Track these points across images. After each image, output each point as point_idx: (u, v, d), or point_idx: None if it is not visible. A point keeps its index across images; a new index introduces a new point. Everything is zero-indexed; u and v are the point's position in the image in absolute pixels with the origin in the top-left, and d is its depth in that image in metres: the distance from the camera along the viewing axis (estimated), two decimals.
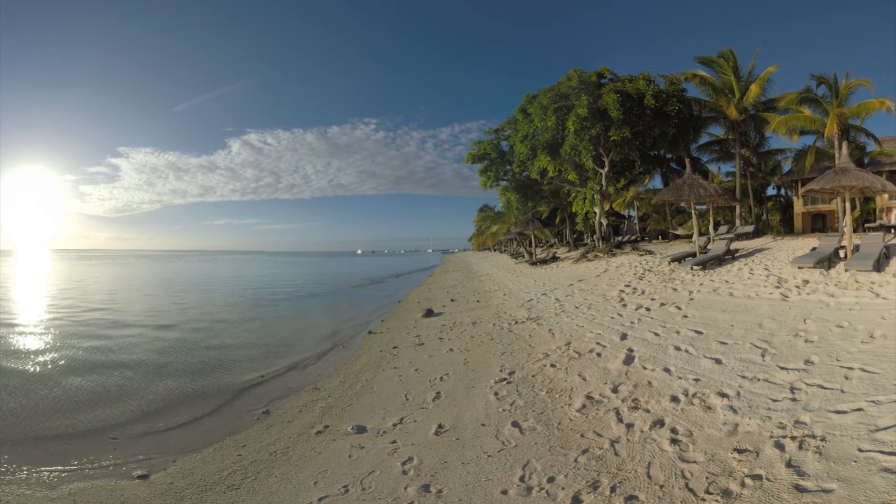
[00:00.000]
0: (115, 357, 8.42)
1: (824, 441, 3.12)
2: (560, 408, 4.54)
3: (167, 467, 4.12)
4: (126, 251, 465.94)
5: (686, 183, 14.32)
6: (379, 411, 5.18)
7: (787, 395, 4.01)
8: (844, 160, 10.81)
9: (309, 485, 3.60)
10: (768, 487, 2.74)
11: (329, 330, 11.41)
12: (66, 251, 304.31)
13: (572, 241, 31.99)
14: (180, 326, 11.97)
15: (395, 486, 3.41)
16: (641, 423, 3.90)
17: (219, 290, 24.49)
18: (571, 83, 19.14)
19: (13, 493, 3.67)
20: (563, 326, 8.14)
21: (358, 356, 8.22)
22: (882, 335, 5.19)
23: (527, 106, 20.98)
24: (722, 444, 3.37)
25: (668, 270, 12.50)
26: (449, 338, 8.66)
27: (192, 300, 18.65)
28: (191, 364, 8.04)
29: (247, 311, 15.43)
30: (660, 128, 19.25)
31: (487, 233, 61.01)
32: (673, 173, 26.04)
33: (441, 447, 4.02)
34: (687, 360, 5.33)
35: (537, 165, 20.65)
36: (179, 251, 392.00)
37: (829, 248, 10.44)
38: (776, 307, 7.23)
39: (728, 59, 21.34)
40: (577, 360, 6.00)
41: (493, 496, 3.14)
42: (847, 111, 18.51)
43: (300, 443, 4.52)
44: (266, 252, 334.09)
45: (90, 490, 3.71)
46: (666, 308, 8.26)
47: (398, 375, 6.58)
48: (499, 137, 25.42)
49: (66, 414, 5.55)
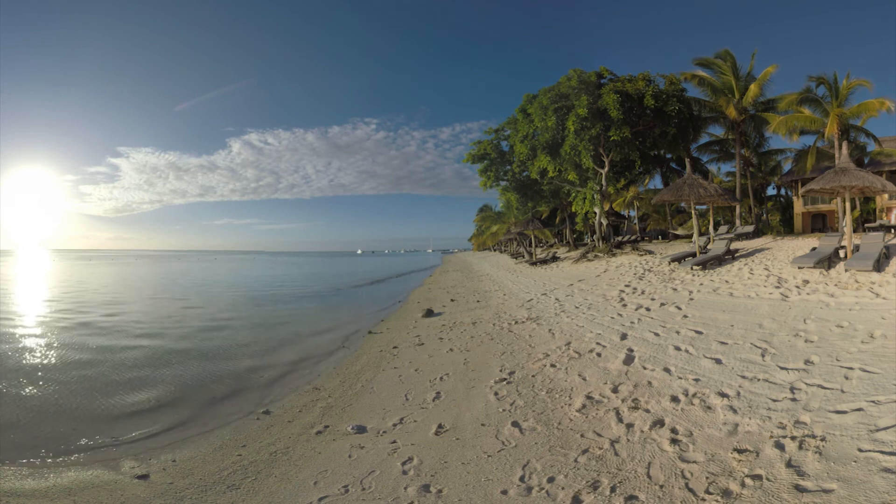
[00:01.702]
0: (115, 357, 8.41)
1: (824, 441, 3.12)
2: (560, 408, 4.54)
3: (167, 467, 4.12)
4: (126, 251, 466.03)
5: (686, 183, 14.32)
6: (379, 411, 5.18)
7: (787, 395, 4.01)
8: (844, 160, 10.81)
9: (309, 485, 3.60)
10: (768, 487, 2.74)
11: (329, 330, 11.40)
12: (66, 251, 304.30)
13: (572, 241, 31.98)
14: (180, 326, 11.96)
15: (395, 486, 3.41)
16: (641, 423, 3.90)
17: (219, 290, 24.48)
18: (571, 83, 19.14)
19: (12, 493, 3.67)
20: (563, 326, 8.14)
21: (358, 356, 8.22)
22: (882, 335, 5.18)
23: (527, 106, 20.98)
24: (722, 444, 3.37)
25: (668, 270, 12.50)
26: (449, 338, 8.66)
27: (192, 300, 18.65)
28: (191, 364, 8.03)
29: (246, 311, 15.42)
30: (660, 128, 19.25)
31: (487, 233, 60.97)
32: (673, 173, 26.04)
33: (441, 447, 4.02)
34: (687, 360, 5.33)
35: (537, 165, 20.65)
36: (179, 251, 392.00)
37: (829, 248, 10.44)
38: (776, 307, 7.22)
39: (726, 60, 21.36)
40: (577, 360, 5.99)
41: (493, 496, 3.14)
42: (847, 111, 18.51)
43: (300, 443, 4.51)
44: (266, 252, 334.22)
45: (90, 490, 3.71)
46: (666, 308, 8.26)
47: (398, 375, 6.58)
48: (499, 137, 25.43)
49: (66, 414, 5.55)
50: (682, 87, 19.98)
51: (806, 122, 19.60)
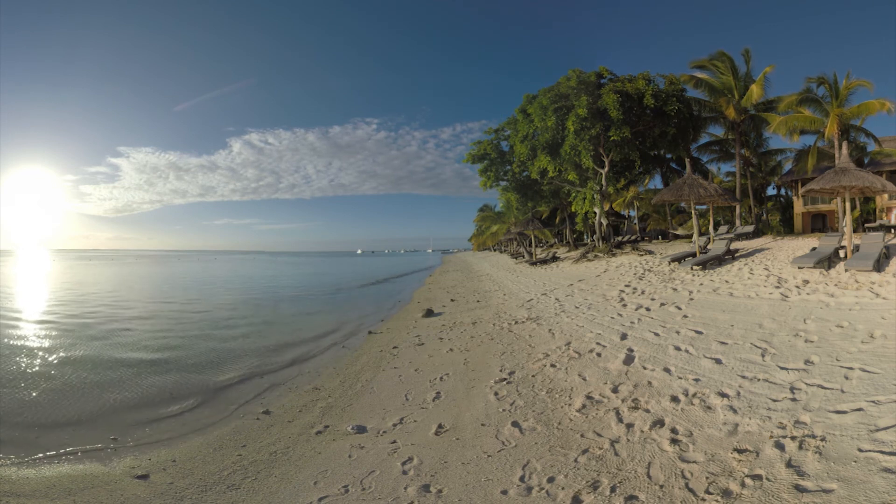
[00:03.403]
0: (115, 357, 8.41)
1: (824, 441, 3.12)
2: (560, 408, 4.54)
3: (167, 467, 4.12)
4: (126, 251, 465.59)
5: (686, 183, 14.32)
6: (379, 411, 5.18)
7: (787, 395, 4.01)
8: (844, 160, 10.81)
9: (309, 485, 3.60)
10: (768, 487, 2.74)
11: (329, 330, 11.40)
12: (66, 251, 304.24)
13: (572, 241, 31.99)
14: (180, 326, 11.97)
15: (395, 486, 3.41)
16: (641, 423, 3.90)
17: (219, 290, 24.48)
18: (571, 83, 19.15)
19: (12, 493, 3.66)
20: (563, 326, 8.14)
21: (358, 356, 8.22)
22: (882, 335, 5.18)
23: (526, 106, 20.98)
24: (722, 444, 3.37)
25: (668, 270, 12.50)
26: (449, 338, 8.66)
27: (192, 300, 18.64)
28: (191, 364, 8.03)
29: (246, 311, 15.42)
30: (660, 128, 19.26)
31: (487, 233, 60.96)
32: (673, 173, 26.04)
33: (441, 447, 4.02)
34: (687, 360, 5.33)
35: (537, 165, 20.65)
36: (179, 251, 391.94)
37: (829, 248, 10.44)
38: (776, 307, 7.22)
39: (724, 61, 21.38)
40: (577, 360, 6.00)
41: (493, 496, 3.14)
42: (847, 111, 18.52)
43: (300, 443, 4.52)
44: (266, 252, 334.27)
45: (90, 490, 3.71)
46: (666, 308, 8.26)
47: (398, 375, 6.58)
48: (499, 137, 25.43)
49: (66, 413, 5.55)
50: (681, 87, 19.99)
51: (806, 123, 19.61)
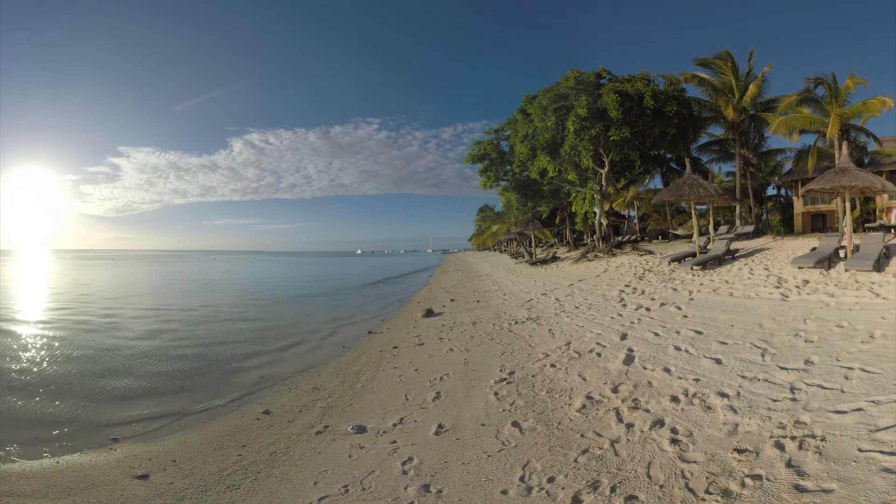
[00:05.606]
0: (115, 356, 8.42)
1: (824, 441, 3.12)
2: (560, 408, 4.54)
3: (167, 467, 4.12)
4: (126, 251, 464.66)
5: (686, 183, 14.32)
6: (379, 411, 5.18)
7: (787, 395, 4.01)
8: (844, 160, 10.81)
9: (309, 485, 3.60)
10: (768, 487, 2.74)
11: (329, 330, 11.41)
12: (67, 251, 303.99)
13: (572, 241, 31.98)
14: (180, 326, 11.97)
15: (395, 486, 3.41)
16: (641, 423, 3.90)
17: (219, 290, 24.48)
18: (569, 83, 19.16)
19: (12, 493, 3.66)
20: (563, 326, 8.13)
21: (358, 356, 8.22)
22: (882, 335, 5.18)
23: (526, 106, 21.00)
24: (722, 444, 3.37)
25: (668, 270, 12.50)
26: (449, 338, 8.66)
27: (192, 300, 18.65)
28: (191, 364, 8.04)
29: (247, 311, 15.43)
30: (659, 128, 19.26)
31: (487, 233, 61.05)
32: (673, 173, 26.05)
33: (441, 447, 4.02)
34: (687, 360, 5.33)
35: (537, 165, 20.65)
36: (179, 251, 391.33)
37: (829, 248, 10.44)
38: (776, 307, 7.22)
39: (726, 60, 21.38)
40: (577, 360, 5.99)
41: (493, 496, 3.14)
42: (848, 111, 18.50)
43: (300, 443, 4.51)
44: (266, 252, 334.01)
45: (90, 490, 3.71)
46: (666, 308, 8.26)
47: (398, 375, 6.58)
48: (499, 138, 25.45)
49: (66, 413, 5.55)
50: (681, 88, 19.99)
51: (806, 123, 19.58)
